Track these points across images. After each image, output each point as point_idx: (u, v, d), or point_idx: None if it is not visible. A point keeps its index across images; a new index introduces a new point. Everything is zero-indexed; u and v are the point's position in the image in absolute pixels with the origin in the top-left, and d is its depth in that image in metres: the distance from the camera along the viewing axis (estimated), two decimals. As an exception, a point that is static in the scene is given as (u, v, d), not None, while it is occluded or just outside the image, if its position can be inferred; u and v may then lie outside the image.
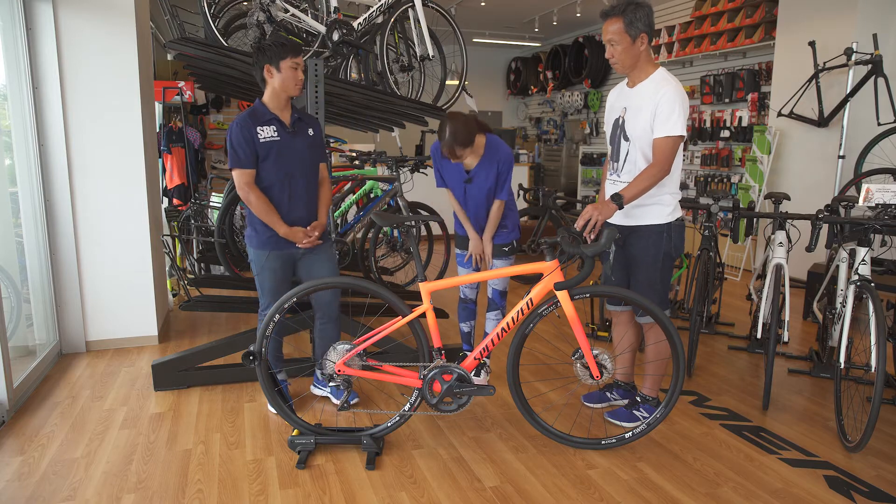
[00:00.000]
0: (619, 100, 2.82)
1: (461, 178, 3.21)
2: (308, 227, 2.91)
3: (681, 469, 2.59)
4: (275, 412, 2.86)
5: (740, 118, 6.87)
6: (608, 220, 2.69)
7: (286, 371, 3.26)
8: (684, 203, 3.30)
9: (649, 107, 2.62)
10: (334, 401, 3.16)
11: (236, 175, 2.79)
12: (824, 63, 5.32)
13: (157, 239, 4.33)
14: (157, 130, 5.82)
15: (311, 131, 2.97)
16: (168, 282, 4.93)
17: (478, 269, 3.34)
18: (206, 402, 3.20)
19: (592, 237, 2.62)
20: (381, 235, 5.14)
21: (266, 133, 2.80)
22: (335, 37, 3.71)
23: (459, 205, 3.30)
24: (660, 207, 2.74)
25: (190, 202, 5.37)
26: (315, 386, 3.26)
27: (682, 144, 2.68)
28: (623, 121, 2.75)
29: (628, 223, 2.80)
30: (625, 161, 2.77)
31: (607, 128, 2.90)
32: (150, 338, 4.06)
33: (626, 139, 2.75)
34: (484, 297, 3.46)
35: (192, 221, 5.13)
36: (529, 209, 5.92)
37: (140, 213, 3.94)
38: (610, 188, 2.85)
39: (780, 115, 5.74)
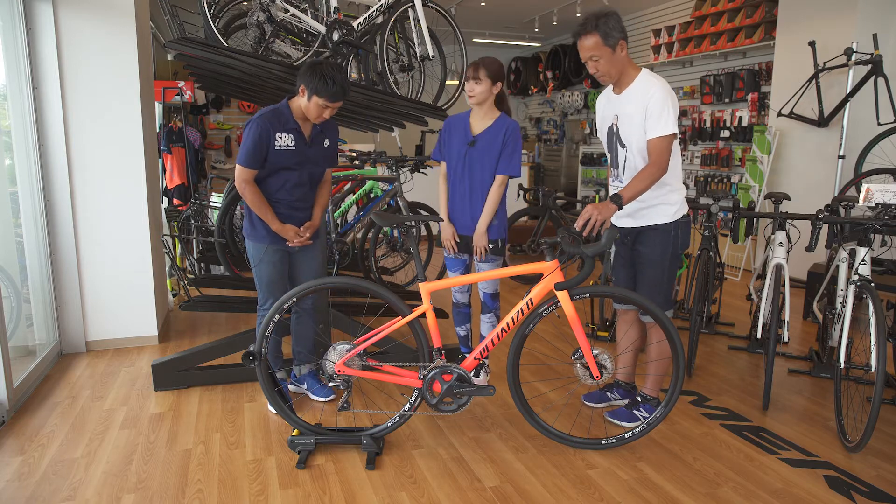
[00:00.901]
0: (608, 107, 2.83)
1: (465, 140, 3.09)
2: (301, 228, 2.93)
3: (681, 469, 2.59)
4: (275, 412, 2.86)
5: (740, 118, 6.87)
6: (614, 223, 2.68)
7: (286, 370, 3.26)
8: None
9: (640, 111, 2.63)
10: (312, 397, 3.18)
11: (238, 170, 2.80)
12: (824, 63, 5.32)
13: (157, 239, 4.32)
14: (157, 130, 5.82)
15: (326, 142, 2.99)
16: (168, 282, 4.93)
17: (468, 267, 3.29)
18: (206, 402, 3.20)
19: (594, 234, 2.62)
20: (381, 235, 5.13)
21: (283, 141, 2.81)
22: (335, 37, 3.71)
23: (446, 184, 3.18)
24: (666, 207, 2.76)
25: (190, 202, 5.37)
26: (291, 383, 3.25)
27: (677, 142, 2.69)
28: (616, 128, 2.77)
29: (637, 224, 2.82)
30: (624, 167, 2.79)
31: (602, 135, 2.91)
32: (150, 338, 4.06)
33: (623, 146, 2.76)
34: (477, 299, 3.38)
35: (192, 221, 5.13)
36: (529, 209, 5.92)
37: (140, 213, 3.94)
38: None
39: (780, 115, 5.74)
